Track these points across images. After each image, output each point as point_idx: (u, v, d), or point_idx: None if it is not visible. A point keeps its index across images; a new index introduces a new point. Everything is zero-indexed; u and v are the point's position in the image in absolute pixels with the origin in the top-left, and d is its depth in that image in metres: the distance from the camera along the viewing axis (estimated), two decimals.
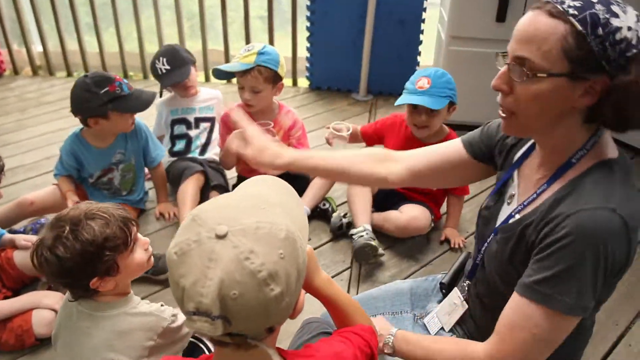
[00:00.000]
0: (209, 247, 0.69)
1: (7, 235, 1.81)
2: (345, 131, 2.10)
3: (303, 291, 0.84)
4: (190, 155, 2.45)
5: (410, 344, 1.15)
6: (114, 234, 1.16)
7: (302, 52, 3.83)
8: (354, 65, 3.68)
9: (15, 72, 4.22)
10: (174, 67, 2.33)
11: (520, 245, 1.03)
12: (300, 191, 2.26)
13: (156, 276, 1.91)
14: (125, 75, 4.15)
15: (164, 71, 2.33)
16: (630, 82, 0.87)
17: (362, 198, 2.13)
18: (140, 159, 2.25)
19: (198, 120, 2.49)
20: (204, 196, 2.25)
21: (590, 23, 0.87)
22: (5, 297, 1.72)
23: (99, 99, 1.92)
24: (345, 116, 3.46)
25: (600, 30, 0.86)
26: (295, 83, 3.98)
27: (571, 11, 0.88)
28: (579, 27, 0.87)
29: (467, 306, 1.25)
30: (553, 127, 0.99)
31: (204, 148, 2.49)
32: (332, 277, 1.94)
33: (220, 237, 0.69)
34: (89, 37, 4.14)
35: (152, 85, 3.68)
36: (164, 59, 2.32)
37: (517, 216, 1.06)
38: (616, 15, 0.87)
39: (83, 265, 1.13)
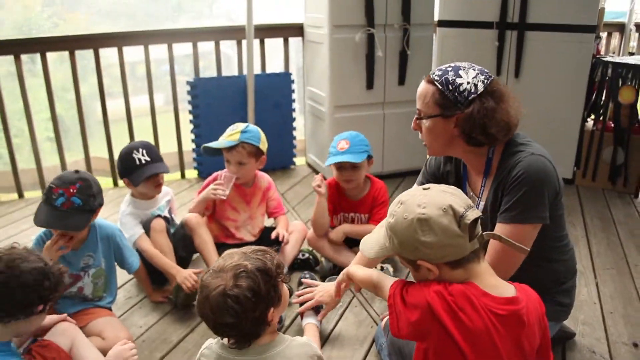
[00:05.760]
0: None
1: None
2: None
3: None
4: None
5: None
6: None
7: (187, 146, 3.94)
8: None
9: None
10: (153, 160, 2.25)
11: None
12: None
13: None
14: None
15: (144, 162, 2.21)
16: (471, 112, 1.46)
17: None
18: (111, 263, 2.08)
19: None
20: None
21: (445, 84, 1.49)
22: None
23: None
24: None
25: (450, 87, 1.48)
26: (183, 175, 3.99)
27: (436, 78, 1.50)
28: (440, 87, 1.49)
29: None
30: (450, 148, 1.57)
31: None
32: (343, 313, 2.13)
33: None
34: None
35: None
36: (143, 150, 2.22)
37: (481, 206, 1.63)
38: (460, 76, 1.48)
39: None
